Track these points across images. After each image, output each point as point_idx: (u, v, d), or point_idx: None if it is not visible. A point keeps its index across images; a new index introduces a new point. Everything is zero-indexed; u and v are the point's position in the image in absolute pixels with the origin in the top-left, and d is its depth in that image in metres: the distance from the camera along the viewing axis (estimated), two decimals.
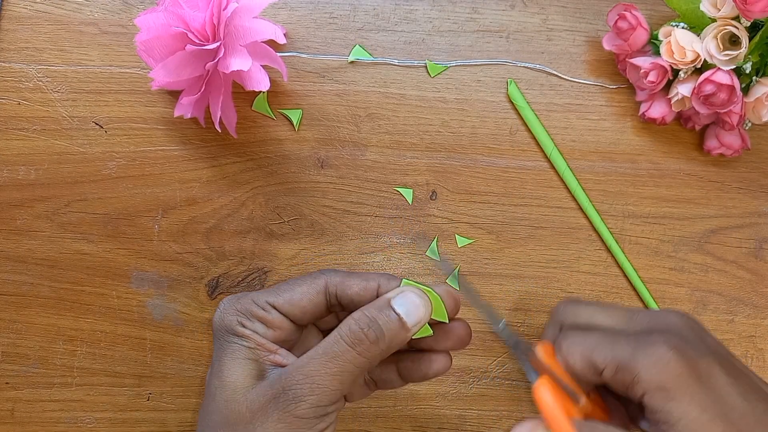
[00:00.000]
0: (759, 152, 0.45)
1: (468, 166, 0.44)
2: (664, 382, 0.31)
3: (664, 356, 0.31)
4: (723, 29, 0.39)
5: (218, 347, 0.34)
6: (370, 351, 0.32)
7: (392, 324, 0.33)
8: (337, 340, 0.32)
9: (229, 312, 0.34)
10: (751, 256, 0.44)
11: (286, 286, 0.35)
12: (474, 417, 0.44)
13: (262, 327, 0.34)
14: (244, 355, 0.33)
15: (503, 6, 0.45)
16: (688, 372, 0.31)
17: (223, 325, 0.34)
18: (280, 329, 0.34)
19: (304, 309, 0.34)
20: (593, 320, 0.36)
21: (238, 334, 0.34)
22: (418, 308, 0.33)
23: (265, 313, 0.34)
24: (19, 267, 0.43)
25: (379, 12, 0.45)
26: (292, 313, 0.34)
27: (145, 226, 0.44)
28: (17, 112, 0.44)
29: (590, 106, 0.45)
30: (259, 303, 0.34)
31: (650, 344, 0.32)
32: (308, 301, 0.34)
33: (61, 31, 0.44)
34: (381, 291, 0.34)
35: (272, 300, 0.34)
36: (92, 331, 0.43)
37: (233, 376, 0.33)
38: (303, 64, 0.44)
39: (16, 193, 0.44)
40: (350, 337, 0.32)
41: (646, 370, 0.31)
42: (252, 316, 0.34)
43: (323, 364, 0.32)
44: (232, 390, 0.32)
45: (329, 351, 0.32)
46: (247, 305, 0.34)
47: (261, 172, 0.44)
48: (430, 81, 0.45)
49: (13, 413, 0.43)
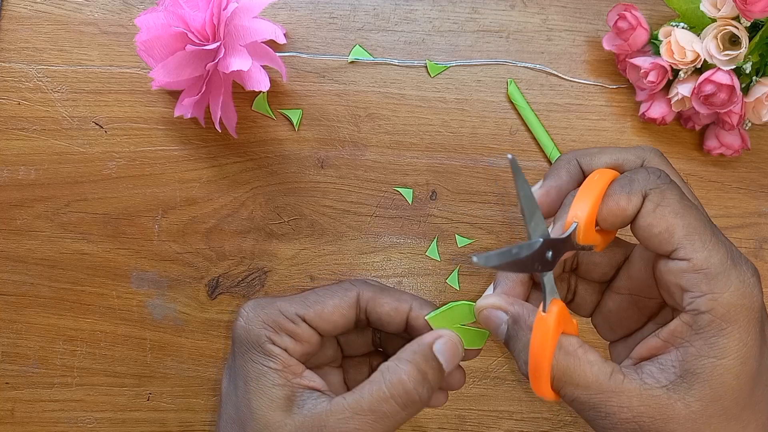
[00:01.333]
0: (759, 152, 0.45)
1: (468, 166, 0.44)
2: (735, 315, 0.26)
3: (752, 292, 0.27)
4: (723, 29, 0.39)
5: (242, 365, 0.32)
6: (418, 409, 0.31)
7: (438, 376, 0.31)
8: (386, 398, 0.30)
9: (255, 323, 0.32)
10: (751, 256, 0.44)
11: (316, 297, 0.33)
12: (474, 417, 0.44)
13: (291, 342, 0.32)
14: (273, 381, 0.31)
15: (503, 6, 0.45)
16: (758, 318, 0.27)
17: (249, 339, 0.32)
18: (308, 343, 0.32)
19: (335, 323, 0.33)
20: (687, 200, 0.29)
21: (267, 353, 0.31)
22: (455, 355, 0.32)
23: (295, 327, 0.32)
24: (19, 267, 0.43)
25: (379, 12, 0.45)
26: (323, 328, 0.33)
27: (145, 226, 0.44)
28: (17, 112, 0.44)
29: (590, 106, 0.45)
30: (289, 315, 0.32)
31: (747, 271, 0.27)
32: (339, 316, 0.33)
33: (61, 31, 0.44)
34: (412, 315, 0.33)
35: (302, 312, 0.32)
36: (92, 331, 0.43)
37: (264, 406, 0.31)
38: (303, 64, 0.44)
39: (16, 193, 0.44)
40: (403, 399, 0.30)
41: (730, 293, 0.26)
42: (281, 330, 0.32)
43: (370, 424, 0.30)
44: (264, 424, 0.30)
45: (378, 410, 0.30)
46: (276, 316, 0.32)
47: (261, 172, 0.44)
48: (430, 81, 0.45)
49: (13, 413, 0.43)
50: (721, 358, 0.26)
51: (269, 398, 0.31)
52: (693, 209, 0.28)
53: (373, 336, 0.37)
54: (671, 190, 0.28)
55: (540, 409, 0.44)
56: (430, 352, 0.31)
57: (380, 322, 0.33)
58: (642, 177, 0.28)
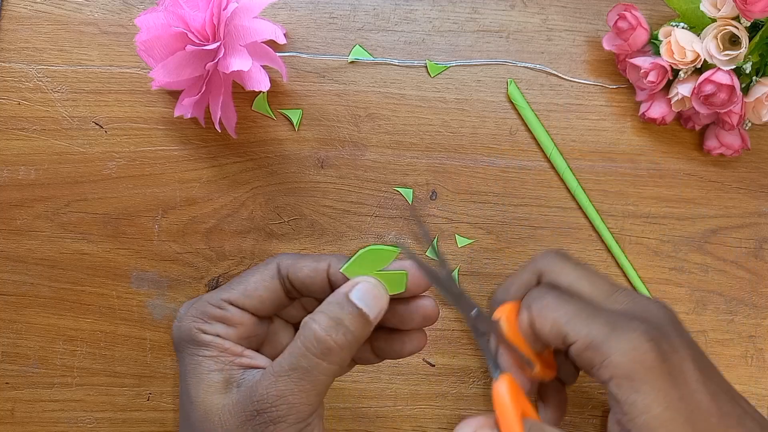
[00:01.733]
0: (759, 152, 0.45)
1: (468, 166, 0.44)
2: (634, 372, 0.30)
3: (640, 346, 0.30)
4: (723, 29, 0.39)
5: (181, 361, 0.32)
6: (341, 357, 0.30)
7: (358, 321, 0.31)
8: (303, 353, 0.30)
9: (185, 319, 0.32)
10: (751, 256, 0.44)
11: (239, 279, 0.33)
12: None
13: (223, 327, 0.32)
14: (208, 367, 0.31)
15: (503, 6, 0.45)
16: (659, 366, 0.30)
17: (181, 336, 0.32)
18: (241, 325, 0.32)
19: (261, 298, 0.33)
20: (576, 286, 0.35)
21: (199, 343, 0.32)
22: (377, 299, 0.32)
23: (223, 312, 0.32)
24: (19, 267, 0.43)
25: (379, 12, 0.45)
26: (251, 305, 0.33)
27: (145, 226, 0.44)
28: (17, 112, 0.44)
29: (590, 106, 0.45)
30: (214, 302, 0.32)
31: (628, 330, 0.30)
32: (264, 289, 0.33)
33: (61, 31, 0.44)
34: (331, 271, 0.32)
35: (227, 296, 0.32)
36: (92, 331, 0.43)
37: (201, 394, 0.31)
38: (303, 64, 0.44)
39: (16, 193, 0.44)
40: (319, 348, 0.30)
41: (618, 355, 0.30)
42: (210, 318, 0.32)
43: (295, 381, 0.30)
44: (204, 411, 0.31)
45: (298, 366, 0.30)
46: (202, 307, 0.32)
47: (261, 172, 0.44)
48: (430, 81, 0.45)
49: (13, 413, 0.43)
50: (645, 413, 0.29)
51: (206, 384, 0.31)
52: (570, 301, 0.33)
53: None
54: (548, 294, 0.33)
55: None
56: (344, 299, 0.31)
57: (304, 287, 0.33)
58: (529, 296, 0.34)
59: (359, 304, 0.31)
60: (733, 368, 0.44)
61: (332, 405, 0.43)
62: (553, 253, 0.37)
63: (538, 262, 0.36)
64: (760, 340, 0.44)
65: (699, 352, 0.33)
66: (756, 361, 0.44)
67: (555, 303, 0.33)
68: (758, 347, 0.44)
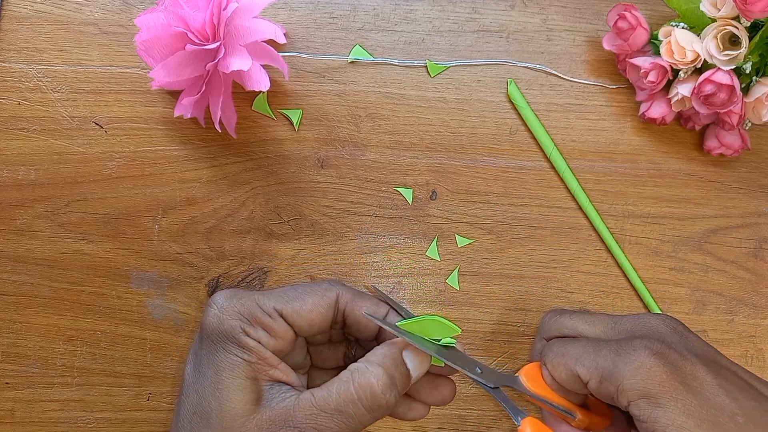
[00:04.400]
0: (759, 152, 0.45)
1: (468, 166, 0.44)
2: (648, 390, 0.30)
3: (646, 363, 0.30)
4: (723, 29, 0.39)
5: (213, 354, 0.31)
6: (383, 413, 0.31)
7: (405, 383, 0.31)
8: (354, 401, 0.30)
9: (229, 314, 0.31)
10: (751, 256, 0.44)
11: (295, 294, 0.33)
12: (474, 417, 0.44)
13: (265, 335, 0.31)
14: (245, 373, 0.31)
15: (503, 6, 0.45)
16: (671, 377, 0.30)
17: (222, 330, 0.31)
18: (282, 340, 0.32)
19: (312, 322, 0.32)
20: (578, 330, 0.36)
21: (241, 345, 0.31)
22: (423, 363, 0.32)
23: (271, 321, 0.31)
24: (19, 267, 0.43)
25: (379, 12, 0.45)
26: (299, 325, 0.32)
27: (145, 226, 0.44)
28: (17, 112, 0.44)
29: (590, 106, 0.45)
30: (266, 308, 0.32)
31: (631, 351, 0.31)
32: (317, 314, 0.32)
33: (61, 31, 0.44)
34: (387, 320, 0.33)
35: (281, 307, 0.32)
36: (92, 331, 0.43)
37: (234, 399, 0.30)
38: (303, 64, 0.44)
39: (16, 193, 0.44)
40: (370, 402, 0.30)
41: (628, 378, 0.30)
42: (256, 322, 0.31)
43: (337, 423, 0.30)
44: (232, 417, 0.30)
45: (345, 411, 0.30)
46: (252, 309, 0.31)
47: (261, 172, 0.44)
48: (430, 81, 0.45)
49: (13, 413, 0.43)
50: (669, 426, 0.29)
51: (239, 390, 0.30)
52: (575, 343, 0.34)
53: (346, 351, 0.36)
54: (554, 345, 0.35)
55: (540, 409, 0.43)
56: (400, 357, 0.32)
57: (357, 326, 0.33)
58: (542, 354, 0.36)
59: (409, 366, 0.32)
60: None
61: None
62: (549, 314, 0.38)
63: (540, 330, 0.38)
64: (760, 340, 0.44)
65: (711, 354, 0.33)
66: (756, 361, 0.44)
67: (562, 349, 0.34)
68: (758, 347, 0.44)
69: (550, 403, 0.35)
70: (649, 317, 0.34)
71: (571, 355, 0.33)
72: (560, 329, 0.37)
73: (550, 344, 0.36)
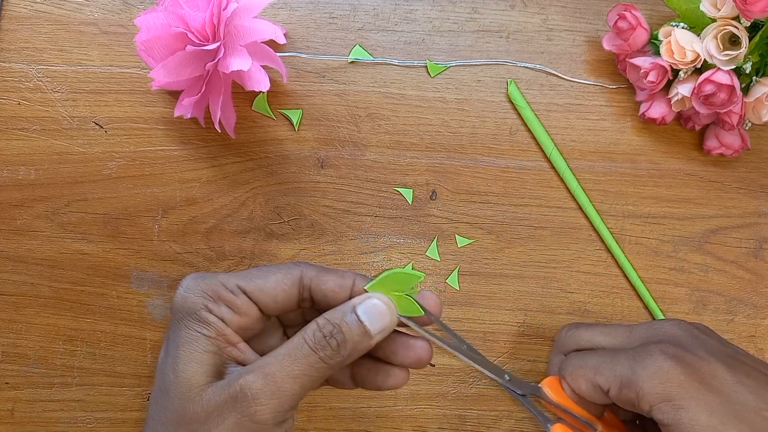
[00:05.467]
0: (759, 152, 0.45)
1: (468, 166, 0.44)
2: (668, 393, 0.30)
3: (663, 366, 0.31)
4: (723, 29, 0.39)
5: (176, 331, 0.32)
6: (332, 358, 0.31)
7: (355, 332, 0.31)
8: (301, 343, 0.31)
9: (194, 291, 0.32)
10: (751, 256, 0.44)
11: (259, 272, 0.33)
12: (474, 417, 0.44)
13: (228, 312, 0.32)
14: (204, 347, 0.31)
15: (503, 6, 0.45)
16: (689, 378, 0.30)
17: (185, 307, 0.32)
18: (246, 316, 0.32)
19: (275, 299, 0.33)
20: (594, 342, 0.37)
21: (202, 320, 0.31)
22: (383, 316, 0.32)
23: (234, 297, 0.32)
24: (19, 267, 0.43)
25: (379, 12, 0.45)
26: (263, 301, 0.33)
27: (145, 226, 0.44)
28: (17, 112, 0.44)
29: (590, 106, 0.45)
30: (229, 285, 0.32)
31: (647, 356, 0.32)
32: (281, 291, 0.33)
33: (61, 31, 0.44)
34: (355, 290, 0.33)
35: (243, 284, 0.32)
36: (92, 331, 0.43)
37: (190, 370, 0.31)
38: (303, 64, 0.44)
39: (16, 193, 0.44)
40: (314, 342, 0.31)
41: (647, 383, 0.31)
42: (219, 299, 0.32)
43: (286, 366, 0.30)
44: (188, 387, 0.30)
45: (292, 353, 0.31)
46: (215, 287, 0.32)
47: (261, 172, 0.44)
48: (430, 81, 0.45)
49: (13, 413, 0.43)
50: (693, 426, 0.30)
51: (196, 362, 0.31)
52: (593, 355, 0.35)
53: None
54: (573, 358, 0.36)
55: None
56: (350, 309, 0.32)
57: (325, 301, 0.33)
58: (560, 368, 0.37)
59: (363, 318, 0.32)
60: None
61: (332, 405, 0.43)
62: (565, 328, 0.39)
63: (558, 344, 0.39)
64: (760, 340, 0.44)
65: (730, 353, 0.33)
66: None
67: (580, 361, 0.34)
68: (758, 347, 0.44)
69: (573, 414, 0.36)
70: (664, 323, 0.35)
71: (590, 366, 0.34)
72: (578, 342, 0.38)
73: (568, 357, 0.36)
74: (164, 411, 0.31)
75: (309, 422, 0.43)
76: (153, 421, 0.32)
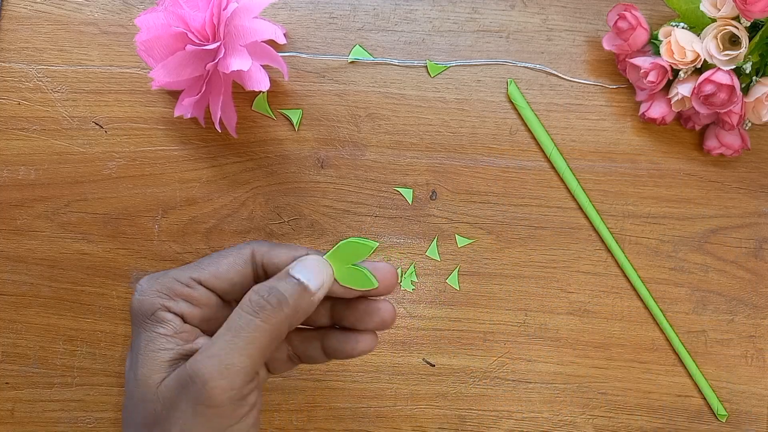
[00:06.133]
0: (759, 152, 0.45)
1: (468, 166, 0.44)
2: None
3: None
4: (723, 29, 0.39)
5: (136, 336, 0.32)
6: (274, 317, 0.30)
7: (293, 288, 0.31)
8: (238, 313, 0.30)
9: (149, 293, 0.32)
10: (751, 256, 0.44)
11: (210, 260, 0.33)
12: (474, 417, 0.44)
13: (188, 306, 0.32)
14: (159, 346, 0.31)
15: (503, 6, 0.45)
16: None
17: (143, 310, 0.32)
18: (206, 306, 0.32)
19: (231, 281, 0.32)
20: None
21: (158, 320, 0.31)
22: (318, 271, 0.31)
23: (190, 290, 0.32)
24: (19, 267, 0.43)
25: (379, 12, 0.45)
26: (220, 287, 0.32)
27: (145, 226, 0.44)
28: (17, 112, 0.44)
29: (590, 106, 0.45)
30: (183, 280, 0.32)
31: None
32: (235, 273, 0.32)
33: (61, 31, 0.44)
34: None
35: (197, 275, 0.32)
36: (92, 331, 0.43)
37: (148, 371, 0.30)
38: (303, 64, 0.44)
39: (16, 193, 0.44)
40: (251, 306, 0.30)
41: None
42: (175, 295, 0.32)
43: (228, 341, 0.29)
44: (146, 386, 0.30)
45: (232, 326, 0.30)
46: (169, 283, 0.32)
47: (261, 172, 0.44)
48: (430, 81, 0.45)
49: (13, 413, 0.43)
50: None
51: (155, 362, 0.30)
52: None
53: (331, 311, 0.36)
54: None
55: (540, 409, 0.44)
56: (284, 273, 0.31)
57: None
58: None
59: (298, 276, 0.31)
60: (733, 368, 0.44)
61: (332, 405, 0.43)
62: None
63: None
64: (760, 340, 0.44)
65: None
66: (756, 361, 0.44)
67: None
68: (758, 347, 0.44)
69: None
70: None
71: None
72: None
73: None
74: (133, 415, 0.31)
75: (309, 422, 0.43)
76: (125, 426, 0.32)
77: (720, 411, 0.43)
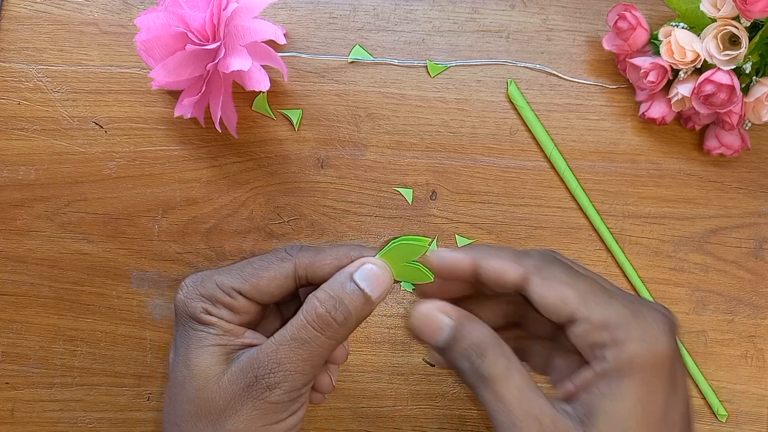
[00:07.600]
0: (759, 152, 0.45)
1: (468, 166, 0.44)
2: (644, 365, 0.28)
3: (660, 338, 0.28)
4: (723, 29, 0.39)
5: (182, 333, 0.33)
6: (339, 333, 0.32)
7: (358, 301, 0.32)
8: (304, 325, 0.31)
9: (192, 297, 0.33)
10: (751, 256, 0.44)
11: (252, 270, 0.33)
12: (474, 417, 0.44)
13: (228, 313, 0.33)
14: (212, 341, 0.32)
15: (503, 6, 0.45)
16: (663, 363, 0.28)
17: (187, 312, 0.33)
18: (246, 314, 0.33)
19: (272, 294, 0.33)
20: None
21: (204, 323, 0.33)
22: (380, 280, 0.32)
23: (231, 300, 0.33)
24: (19, 267, 0.43)
25: (379, 12, 0.45)
26: (260, 298, 0.33)
27: (145, 226, 0.44)
28: (17, 112, 0.44)
29: (590, 106, 0.45)
30: (225, 289, 0.33)
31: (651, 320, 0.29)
32: (276, 287, 0.33)
33: (61, 31, 0.44)
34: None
35: (238, 286, 0.33)
36: (92, 331, 0.43)
37: (203, 364, 0.32)
38: (303, 64, 0.44)
39: (16, 193, 0.44)
40: (318, 322, 0.31)
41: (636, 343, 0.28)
42: (217, 302, 0.33)
43: (294, 350, 0.31)
44: (204, 379, 0.32)
45: (298, 337, 0.31)
46: (212, 291, 0.33)
47: (261, 172, 0.44)
48: (430, 81, 0.45)
49: (13, 413, 0.43)
50: (620, 400, 0.28)
51: (208, 355, 0.32)
52: (582, 278, 0.30)
53: None
54: (557, 265, 0.31)
55: None
56: (347, 279, 0.32)
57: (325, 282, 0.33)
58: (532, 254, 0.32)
59: (362, 285, 0.32)
60: (733, 368, 0.44)
61: (332, 405, 0.43)
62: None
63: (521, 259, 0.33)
64: (760, 340, 0.44)
65: None
66: (756, 361, 0.44)
67: (567, 277, 0.30)
68: (758, 347, 0.44)
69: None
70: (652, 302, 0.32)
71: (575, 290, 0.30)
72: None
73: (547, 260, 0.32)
74: (182, 405, 0.32)
75: (309, 422, 0.43)
76: (171, 417, 0.33)
77: (720, 411, 0.43)
